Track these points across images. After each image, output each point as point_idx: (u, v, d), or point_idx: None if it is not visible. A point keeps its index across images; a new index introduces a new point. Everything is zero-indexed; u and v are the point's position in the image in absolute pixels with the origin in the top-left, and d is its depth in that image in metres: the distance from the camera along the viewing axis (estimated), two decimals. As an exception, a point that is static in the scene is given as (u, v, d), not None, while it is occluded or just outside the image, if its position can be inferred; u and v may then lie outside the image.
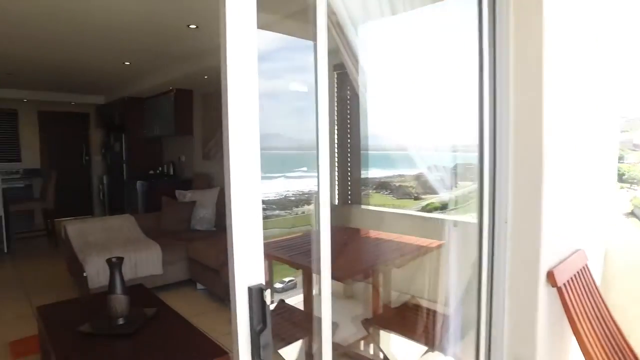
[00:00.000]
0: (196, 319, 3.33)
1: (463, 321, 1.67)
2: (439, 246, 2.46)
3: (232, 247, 0.83)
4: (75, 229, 4.05)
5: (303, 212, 5.11)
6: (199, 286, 4.02)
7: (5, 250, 5.37)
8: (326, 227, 1.11)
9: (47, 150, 8.05)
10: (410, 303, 2.34)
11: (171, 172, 6.50)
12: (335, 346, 2.33)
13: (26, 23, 3.49)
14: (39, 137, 7.96)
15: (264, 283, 0.84)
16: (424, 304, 2.14)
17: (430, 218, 2.94)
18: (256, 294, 0.82)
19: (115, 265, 2.20)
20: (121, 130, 7.03)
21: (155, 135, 6.74)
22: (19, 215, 6.32)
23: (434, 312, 1.93)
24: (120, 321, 2.23)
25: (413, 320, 2.09)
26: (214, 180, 5.70)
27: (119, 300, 2.19)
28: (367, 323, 2.25)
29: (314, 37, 1.07)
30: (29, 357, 2.79)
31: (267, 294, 0.82)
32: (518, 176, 1.34)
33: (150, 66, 5.26)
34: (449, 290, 1.73)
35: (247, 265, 0.84)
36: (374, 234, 2.87)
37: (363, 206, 3.64)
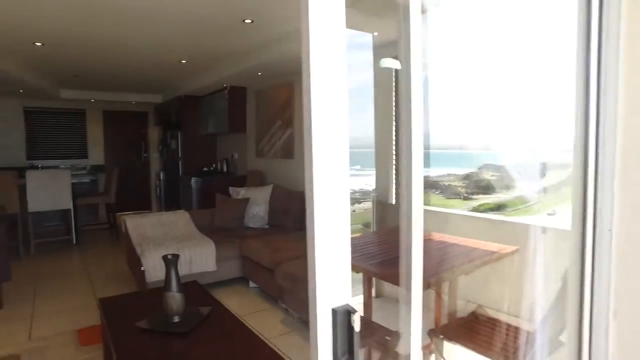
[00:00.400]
0: (248, 317, 3.31)
1: (547, 340, 1.47)
2: (513, 252, 2.24)
3: (314, 261, 0.69)
4: (134, 224, 4.16)
5: (354, 211, 4.97)
6: (252, 284, 3.99)
7: (74, 242, 5.66)
8: (418, 237, 0.96)
9: (111, 148, 8.45)
10: (479, 313, 2.14)
11: (225, 169, 6.58)
12: (396, 355, 2.19)
13: (89, 27, 3.61)
14: (104, 135, 8.37)
15: (351, 304, 0.71)
16: (497, 315, 1.94)
17: (503, 222, 2.70)
18: (342, 318, 0.69)
19: (171, 262, 2.18)
20: (177, 127, 7.22)
21: (209, 133, 6.85)
22: (85, 209, 6.66)
23: (512, 326, 1.73)
24: (176, 319, 2.21)
25: (486, 332, 1.90)
26: (267, 177, 5.69)
27: (175, 299, 2.17)
28: (432, 333, 2.08)
29: (403, 29, 0.92)
30: (94, 346, 2.86)
31: (356, 317, 0.68)
32: (626, 178, 1.13)
33: (205, 64, 5.32)
34: (530, 303, 1.53)
35: (332, 282, 0.70)
36: (436, 236, 2.68)
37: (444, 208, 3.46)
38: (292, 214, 4.37)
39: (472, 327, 2.05)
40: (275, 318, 3.32)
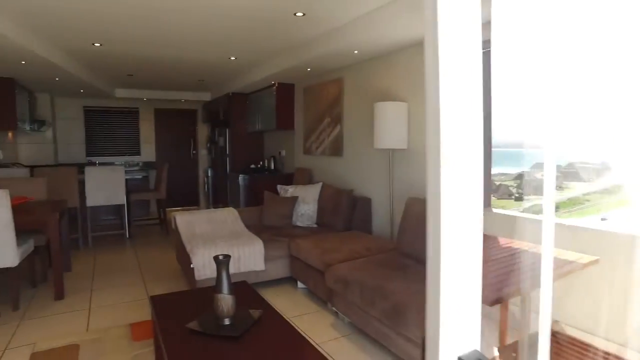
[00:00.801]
0: (297, 320, 3.22)
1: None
2: (593, 263, 1.99)
3: (438, 299, 0.55)
4: (183, 221, 4.19)
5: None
6: (300, 285, 3.91)
7: (127, 236, 5.83)
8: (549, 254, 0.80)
9: (161, 145, 8.68)
10: (556, 330, 1.93)
11: (272, 166, 6.56)
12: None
13: (144, 27, 3.66)
14: (155, 132, 8.61)
15: (479, 349, 0.55)
16: (579, 334, 1.72)
17: (576, 227, 2.43)
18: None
19: (222, 263, 2.11)
20: (225, 125, 7.28)
21: (257, 130, 6.86)
22: (137, 204, 6.87)
23: (601, 350, 1.52)
24: (226, 321, 2.14)
25: (566, 354, 1.69)
26: (315, 175, 5.60)
27: (226, 301, 2.10)
28: (505, 350, 1.89)
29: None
30: (146, 341, 2.87)
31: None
32: None
33: (254, 61, 5.29)
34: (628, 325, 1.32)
35: (458, 325, 0.55)
36: (504, 242, 2.46)
37: (494, 209, 3.23)
38: (341, 214, 4.24)
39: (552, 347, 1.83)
40: (325, 321, 3.21)
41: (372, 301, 2.62)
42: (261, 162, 7.05)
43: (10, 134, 6.51)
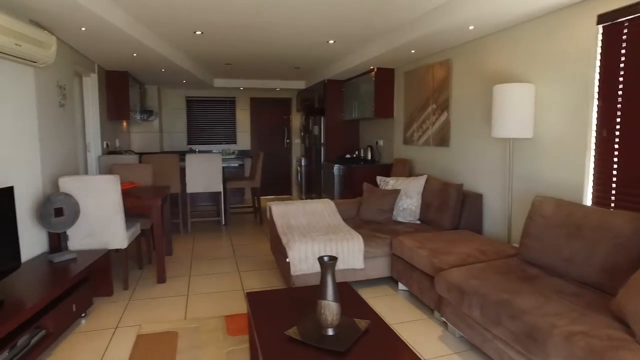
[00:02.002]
0: (399, 328, 2.88)
1: None
2: None
3: None
4: (279, 211, 4.05)
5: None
6: (401, 287, 3.56)
7: (223, 223, 5.93)
8: None
9: (256, 134, 8.81)
10: None
11: (368, 156, 6.23)
12: None
13: (245, 13, 3.53)
14: (250, 121, 8.75)
15: None
16: None
17: None
18: None
19: (328, 266, 1.85)
20: (320, 113, 7.10)
21: (353, 118, 6.57)
22: (232, 191, 7.00)
23: None
24: (330, 332, 1.88)
25: None
26: (416, 166, 5.18)
27: (331, 309, 1.84)
28: None
29: None
30: (241, 337, 2.75)
31: None
32: None
33: (352, 43, 4.98)
34: None
35: None
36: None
37: None
38: (449, 210, 3.80)
39: None
40: (432, 332, 2.84)
41: (497, 319, 2.19)
42: (357, 152, 6.76)
43: (124, 124, 6.98)
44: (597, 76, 2.85)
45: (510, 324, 2.11)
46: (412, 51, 4.58)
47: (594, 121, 2.89)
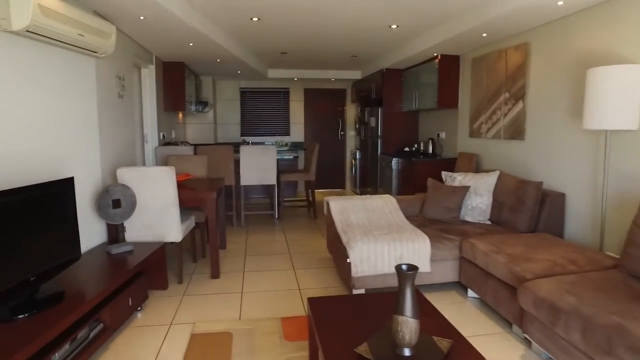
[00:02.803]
0: (475, 342, 2.57)
1: None
2: None
3: None
4: (338, 207, 3.82)
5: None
6: (471, 294, 3.23)
7: (276, 216, 5.79)
8: None
9: (310, 125, 8.63)
10: None
11: (429, 149, 5.86)
12: None
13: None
14: (304, 113, 8.58)
15: None
16: None
17: None
18: None
19: (407, 277, 1.59)
20: (377, 104, 6.79)
21: (412, 109, 6.21)
22: (285, 184, 6.86)
23: None
24: (406, 352, 1.63)
25: None
26: (484, 161, 4.77)
27: (409, 326, 1.58)
28: None
29: None
30: (298, 343, 2.57)
31: None
32: None
33: (417, 28, 4.63)
34: None
35: None
36: None
37: None
38: (526, 211, 3.40)
39: None
40: (512, 351, 2.51)
41: (607, 348, 1.84)
42: (416, 145, 6.39)
43: (180, 115, 7.02)
44: None
45: (630, 357, 1.75)
46: (484, 35, 4.17)
47: None
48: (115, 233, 3.43)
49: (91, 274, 2.71)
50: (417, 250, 3.18)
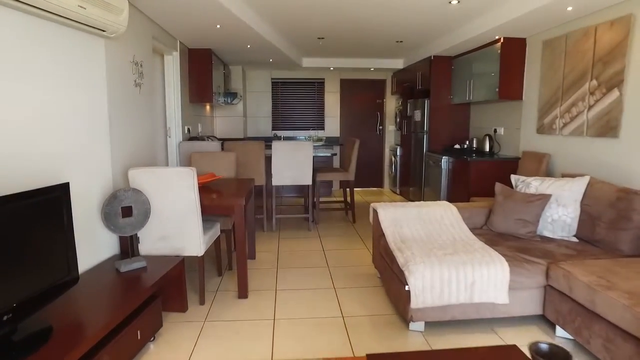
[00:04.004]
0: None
1: None
2: None
3: None
4: (389, 216, 3.21)
5: None
6: (561, 332, 2.55)
7: (311, 220, 5.21)
8: None
9: (346, 119, 8.00)
10: None
11: (485, 147, 5.13)
12: None
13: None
14: (340, 105, 7.96)
15: None
16: None
17: None
18: None
19: None
20: (423, 96, 6.11)
21: (464, 102, 5.49)
22: (320, 183, 6.27)
23: None
24: None
25: None
26: (557, 163, 4.03)
27: None
28: None
29: None
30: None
31: None
32: None
33: (480, 5, 3.92)
34: None
35: None
36: None
37: None
38: (632, 229, 2.69)
39: None
40: None
41: None
42: (467, 142, 5.68)
43: (207, 107, 6.54)
44: None
45: None
46: (569, 8, 3.43)
47: None
48: (129, 244, 2.93)
49: (91, 301, 2.20)
50: (493, 276, 2.53)
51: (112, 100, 2.94)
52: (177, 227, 2.87)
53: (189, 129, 5.26)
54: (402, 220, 3.20)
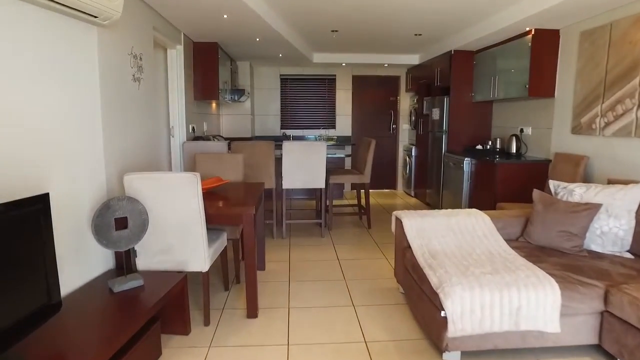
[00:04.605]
0: None
1: None
2: None
3: None
4: (415, 227, 2.87)
5: None
6: (621, 366, 2.20)
7: (324, 225, 4.87)
8: None
9: (358, 118, 7.66)
10: None
11: (512, 148, 4.76)
12: None
13: None
14: (352, 103, 7.62)
15: None
16: None
17: None
18: None
19: None
20: (442, 93, 5.76)
21: (487, 99, 5.12)
22: (332, 185, 5.92)
23: None
24: None
25: None
26: (596, 166, 3.66)
27: None
28: None
29: None
30: None
31: None
32: None
33: (514, -8, 3.56)
34: None
35: None
36: None
37: None
38: (702, 246, 2.33)
39: None
40: None
41: None
42: (490, 142, 5.31)
43: (214, 105, 6.23)
44: None
45: None
46: (617, -6, 3.06)
47: None
48: (125, 258, 2.61)
49: (78, 330, 1.88)
50: (542, 301, 2.18)
51: (106, 96, 2.62)
52: (178, 239, 2.55)
53: (193, 128, 4.94)
54: (430, 231, 2.86)
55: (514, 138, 4.75)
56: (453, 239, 2.82)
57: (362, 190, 5.25)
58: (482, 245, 2.77)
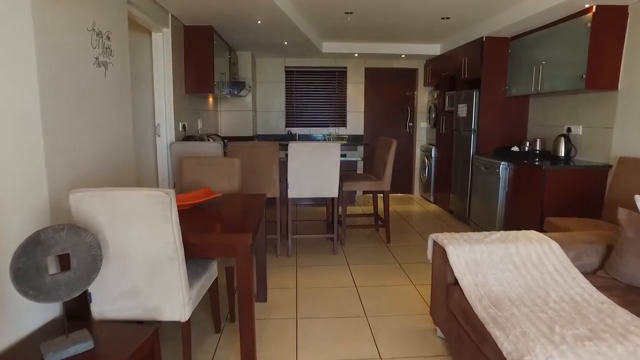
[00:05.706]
0: None
1: None
2: None
3: None
4: (463, 258, 2.17)
5: None
6: None
7: (336, 239, 4.16)
8: None
9: (370, 114, 6.95)
10: None
11: (560, 151, 4.03)
12: None
13: None
14: (364, 99, 6.91)
15: None
16: None
17: None
18: None
19: None
20: (469, 87, 5.05)
21: (525, 94, 4.41)
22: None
23: None
24: None
25: None
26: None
27: None
28: None
29: None
30: None
31: None
32: None
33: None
34: None
35: None
36: None
37: None
38: None
39: None
40: None
41: None
42: (528, 143, 4.58)
43: (210, 100, 5.54)
44: None
45: None
46: None
47: None
48: (76, 303, 1.93)
49: None
50: (672, 383, 1.48)
51: (49, 83, 1.93)
52: (146, 279, 1.86)
53: (184, 126, 4.26)
54: (484, 264, 2.16)
55: (562, 139, 4.02)
56: (516, 275, 2.12)
57: (380, 195, 4.54)
58: (558, 286, 2.06)
